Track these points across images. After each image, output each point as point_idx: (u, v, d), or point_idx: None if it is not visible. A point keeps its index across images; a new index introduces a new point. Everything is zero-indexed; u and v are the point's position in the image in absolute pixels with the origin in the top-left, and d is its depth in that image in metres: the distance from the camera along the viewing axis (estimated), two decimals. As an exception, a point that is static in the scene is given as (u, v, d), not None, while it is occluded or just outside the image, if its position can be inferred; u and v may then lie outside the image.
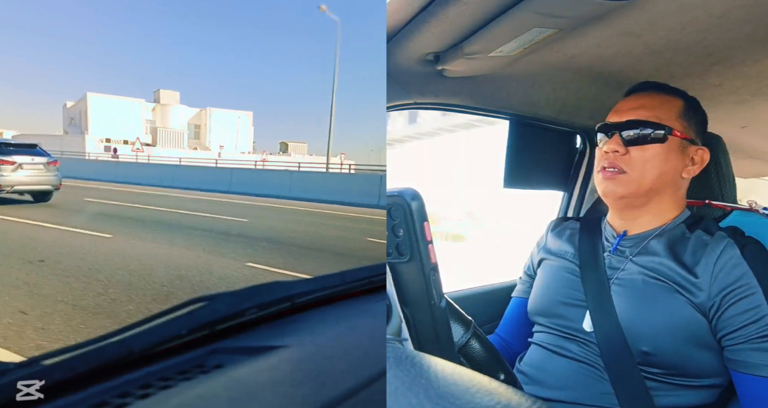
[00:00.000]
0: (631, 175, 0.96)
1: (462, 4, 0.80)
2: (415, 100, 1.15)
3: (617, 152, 0.96)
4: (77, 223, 5.35)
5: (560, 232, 1.16)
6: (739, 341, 0.85)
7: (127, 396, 0.39)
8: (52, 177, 7.28)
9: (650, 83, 1.04)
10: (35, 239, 4.50)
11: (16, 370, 0.38)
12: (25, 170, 6.96)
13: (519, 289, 1.22)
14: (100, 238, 4.59)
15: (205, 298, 0.53)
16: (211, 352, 0.49)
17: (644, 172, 0.95)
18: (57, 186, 7.38)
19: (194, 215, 6.92)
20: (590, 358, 0.94)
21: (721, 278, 0.87)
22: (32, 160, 7.06)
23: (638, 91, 1.04)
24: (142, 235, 4.89)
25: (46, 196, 7.41)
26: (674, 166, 0.97)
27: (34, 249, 4.03)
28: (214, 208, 8.09)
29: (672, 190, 0.99)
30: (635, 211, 1.00)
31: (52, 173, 7.30)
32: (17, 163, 6.87)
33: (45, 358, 0.40)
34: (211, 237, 5.04)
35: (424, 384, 0.35)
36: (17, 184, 6.88)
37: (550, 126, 1.44)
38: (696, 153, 0.99)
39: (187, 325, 0.49)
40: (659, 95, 1.00)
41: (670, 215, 1.00)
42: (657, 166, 0.95)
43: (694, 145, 0.99)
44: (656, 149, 0.95)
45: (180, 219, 6.54)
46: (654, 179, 0.96)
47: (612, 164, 0.97)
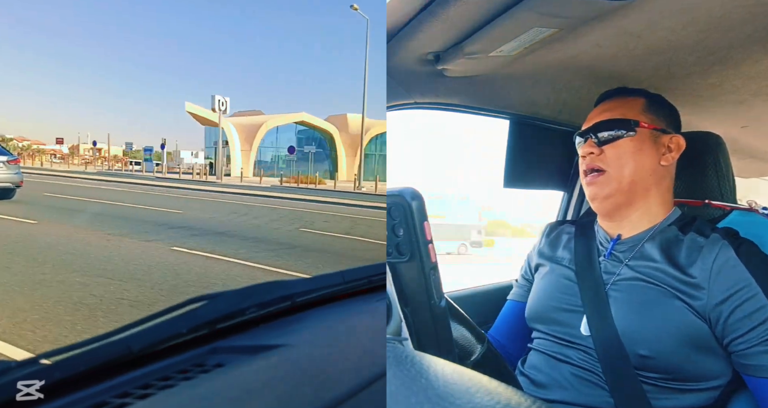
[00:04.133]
0: (610, 172, 0.99)
1: (462, 4, 0.80)
2: (415, 100, 1.14)
3: (593, 153, 1.01)
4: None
5: (556, 237, 1.16)
6: (751, 345, 0.84)
7: (127, 396, 0.39)
8: (12, 174, 7.47)
9: (611, 91, 1.10)
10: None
11: (16, 369, 0.38)
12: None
13: (515, 293, 1.23)
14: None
15: (205, 297, 0.53)
16: (212, 351, 0.49)
17: (621, 167, 0.98)
18: (18, 183, 7.61)
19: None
20: (590, 363, 0.94)
21: (720, 281, 0.87)
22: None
23: (602, 100, 1.09)
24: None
25: (8, 193, 7.59)
26: (649, 156, 0.99)
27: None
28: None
29: (654, 180, 1.00)
30: (623, 211, 1.01)
31: (13, 171, 7.50)
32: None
33: (45, 358, 0.40)
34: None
35: (424, 384, 0.35)
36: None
37: (550, 126, 1.44)
38: (671, 141, 1.02)
39: (188, 324, 0.49)
40: (621, 98, 1.06)
41: (659, 213, 1.01)
42: (631, 158, 0.98)
43: (666, 134, 1.01)
44: (627, 143, 0.99)
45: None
46: (632, 172, 0.98)
47: (591, 166, 1.01)
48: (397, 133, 1.30)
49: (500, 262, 14.50)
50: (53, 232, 4.97)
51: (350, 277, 0.69)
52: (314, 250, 4.78)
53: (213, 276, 3.56)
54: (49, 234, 4.80)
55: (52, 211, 6.65)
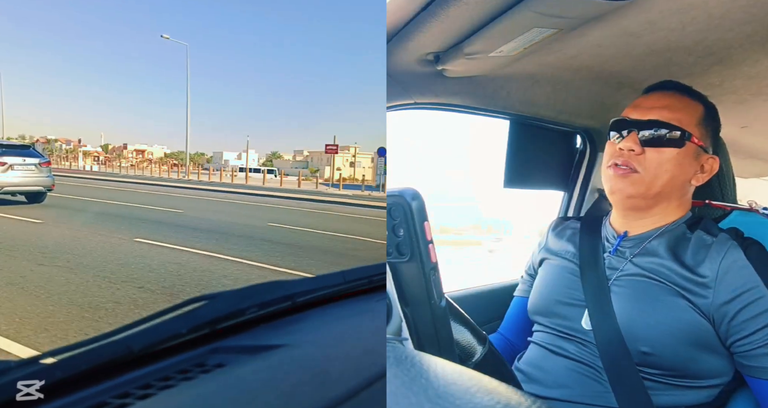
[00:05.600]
0: (644, 175, 0.94)
1: (462, 4, 0.80)
2: (415, 100, 1.14)
3: (633, 151, 0.94)
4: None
5: (561, 232, 1.15)
6: (754, 346, 0.84)
7: (127, 396, 0.39)
8: (44, 178, 7.26)
9: (673, 83, 1.01)
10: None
11: (16, 369, 0.38)
12: (16, 171, 6.95)
13: (521, 289, 1.23)
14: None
15: (205, 297, 0.53)
16: (212, 351, 0.49)
17: (657, 175, 0.94)
18: (50, 187, 7.38)
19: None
20: (588, 357, 0.94)
21: (728, 281, 0.87)
22: (24, 161, 7.05)
23: (661, 89, 1.00)
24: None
25: (39, 196, 7.37)
26: (686, 172, 0.96)
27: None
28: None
29: (679, 194, 0.99)
30: (640, 213, 1.00)
31: (45, 174, 7.28)
32: (8, 164, 6.87)
33: (45, 358, 0.40)
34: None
35: (424, 384, 0.35)
36: (8, 186, 6.88)
37: (550, 126, 1.44)
38: (707, 161, 0.98)
39: (188, 324, 0.49)
40: (683, 97, 0.98)
41: (672, 218, 1.00)
42: (670, 171, 0.94)
43: (706, 153, 0.98)
44: (672, 153, 0.93)
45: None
46: (665, 183, 0.94)
47: (626, 162, 0.94)
48: (397, 133, 1.29)
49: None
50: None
51: (351, 277, 0.69)
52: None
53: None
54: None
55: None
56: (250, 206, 9.70)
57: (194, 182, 17.64)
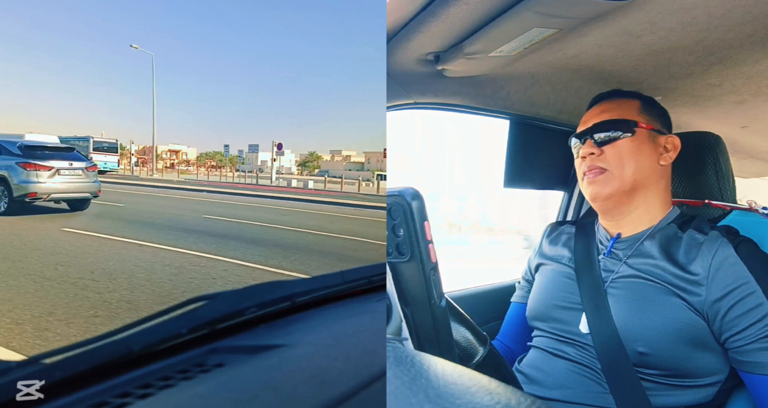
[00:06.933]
0: (612, 171, 0.99)
1: (462, 4, 0.80)
2: (415, 100, 1.14)
3: (593, 154, 1.01)
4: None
5: (556, 237, 1.17)
6: (747, 342, 0.85)
7: (127, 396, 0.39)
8: (90, 183, 6.56)
9: (605, 93, 1.11)
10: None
11: (16, 369, 0.38)
12: (62, 176, 6.24)
13: (517, 295, 1.24)
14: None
15: (205, 297, 0.53)
16: (212, 351, 0.49)
17: (623, 166, 0.99)
18: (96, 193, 6.65)
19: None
20: (587, 359, 0.95)
21: (719, 278, 0.87)
22: (70, 164, 6.34)
23: (597, 101, 1.10)
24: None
25: (83, 204, 6.69)
26: (649, 156, 1.01)
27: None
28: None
29: (654, 179, 1.02)
30: (624, 208, 1.02)
31: (91, 179, 6.59)
32: (54, 168, 6.15)
33: (45, 358, 0.40)
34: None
35: (424, 384, 0.35)
36: (54, 192, 6.17)
37: (550, 126, 1.44)
38: (667, 141, 1.03)
39: (188, 324, 0.49)
40: (616, 99, 1.06)
41: (658, 212, 1.02)
42: (632, 158, 0.99)
43: (662, 134, 1.03)
44: (627, 143, 0.99)
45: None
46: (633, 171, 0.99)
47: (591, 166, 1.01)
48: (397, 133, 1.29)
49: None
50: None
51: (350, 277, 0.69)
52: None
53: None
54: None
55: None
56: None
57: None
